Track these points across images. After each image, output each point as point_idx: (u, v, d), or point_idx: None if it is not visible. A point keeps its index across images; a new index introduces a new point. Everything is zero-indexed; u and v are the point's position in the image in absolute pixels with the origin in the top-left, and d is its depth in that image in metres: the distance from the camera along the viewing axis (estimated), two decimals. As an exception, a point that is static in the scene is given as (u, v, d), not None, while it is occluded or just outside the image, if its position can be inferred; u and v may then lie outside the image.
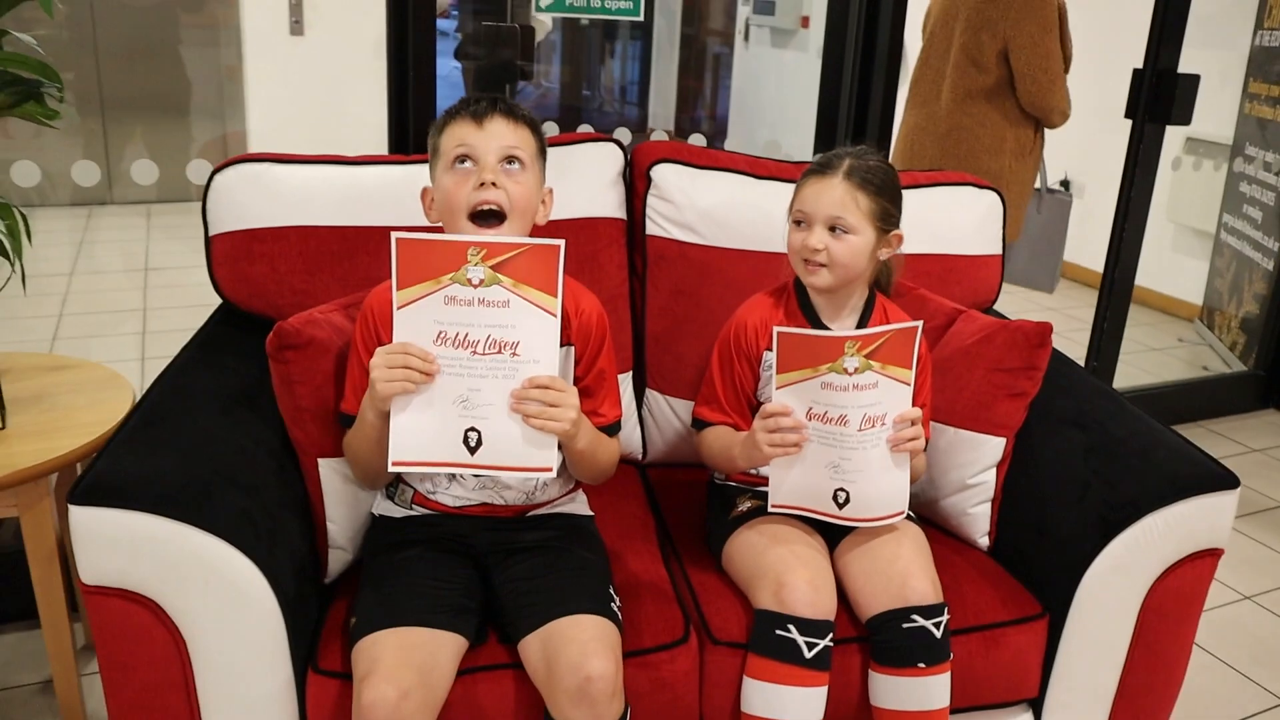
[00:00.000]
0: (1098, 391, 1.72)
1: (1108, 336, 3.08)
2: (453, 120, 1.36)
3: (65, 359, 1.94)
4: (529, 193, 1.36)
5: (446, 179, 1.35)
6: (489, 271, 1.23)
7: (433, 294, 1.23)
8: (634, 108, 7.83)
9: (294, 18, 4.87)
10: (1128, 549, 1.44)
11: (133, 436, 1.30)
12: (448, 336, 1.24)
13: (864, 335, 1.35)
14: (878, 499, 1.43)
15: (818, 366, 1.35)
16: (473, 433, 1.25)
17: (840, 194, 1.45)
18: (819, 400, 1.37)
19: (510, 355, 1.25)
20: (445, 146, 1.35)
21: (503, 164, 1.34)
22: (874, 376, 1.36)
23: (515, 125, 1.36)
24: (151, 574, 1.19)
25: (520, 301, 1.24)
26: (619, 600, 1.35)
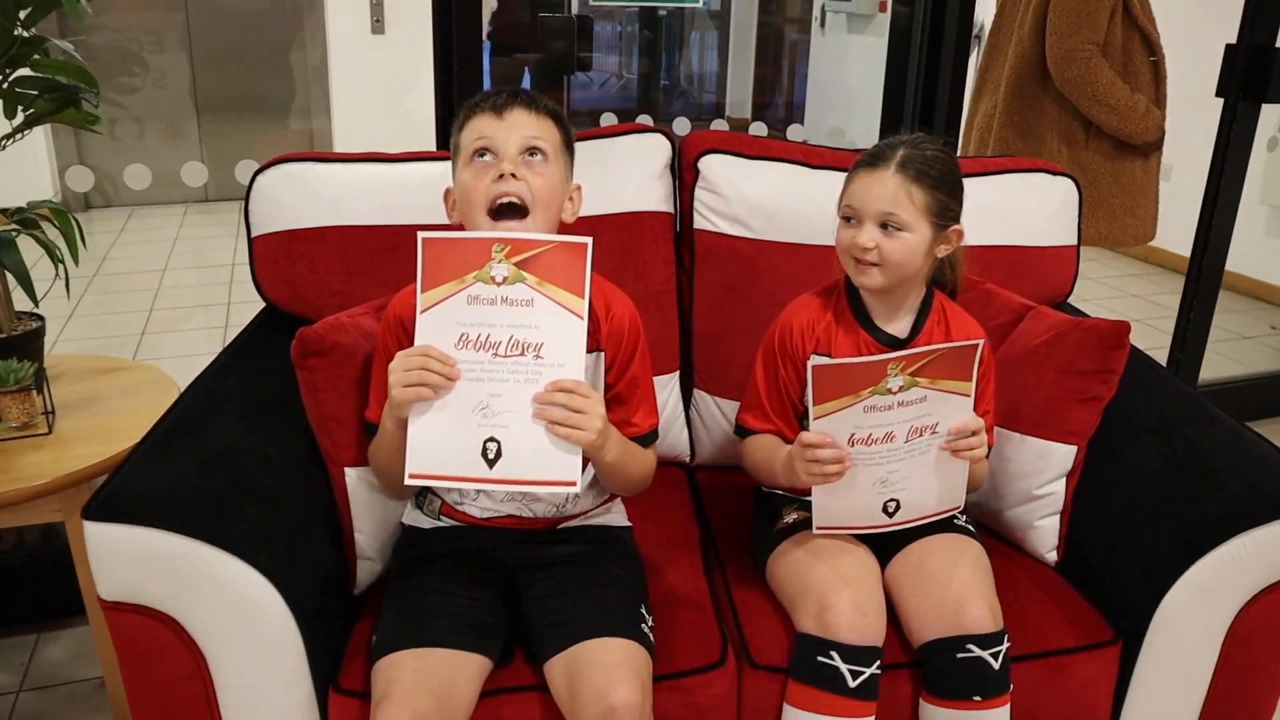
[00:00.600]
0: (1181, 396, 1.58)
1: (1194, 326, 2.90)
2: (473, 114, 1.30)
3: (118, 361, 1.95)
4: (552, 185, 1.29)
5: (465, 174, 1.29)
6: (513, 269, 1.17)
7: (456, 294, 1.18)
8: (711, 96, 7.79)
9: (375, 17, 4.96)
10: (1213, 573, 1.32)
11: (154, 448, 1.27)
12: (470, 339, 1.18)
13: (908, 356, 1.25)
14: (930, 499, 1.34)
15: (859, 392, 1.25)
16: (491, 443, 1.19)
17: (893, 188, 1.35)
18: (862, 424, 1.27)
19: (534, 358, 1.18)
20: (465, 141, 1.29)
21: (524, 155, 1.28)
22: (922, 392, 1.27)
23: (537, 116, 1.29)
24: (167, 591, 1.16)
25: (544, 301, 1.18)
26: (652, 620, 1.28)
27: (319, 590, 1.27)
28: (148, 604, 1.17)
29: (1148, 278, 4.83)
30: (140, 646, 1.19)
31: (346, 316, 1.40)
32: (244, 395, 1.44)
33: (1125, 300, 4.43)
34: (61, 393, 1.74)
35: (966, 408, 1.30)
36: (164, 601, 1.17)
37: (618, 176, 1.73)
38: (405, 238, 1.65)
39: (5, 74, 1.55)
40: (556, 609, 1.25)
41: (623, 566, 1.34)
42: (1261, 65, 2.61)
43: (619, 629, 1.21)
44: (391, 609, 1.27)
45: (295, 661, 1.21)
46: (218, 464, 1.27)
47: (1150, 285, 4.70)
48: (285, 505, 1.29)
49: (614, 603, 1.26)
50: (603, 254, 1.71)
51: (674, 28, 7.66)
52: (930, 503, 1.35)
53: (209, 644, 1.19)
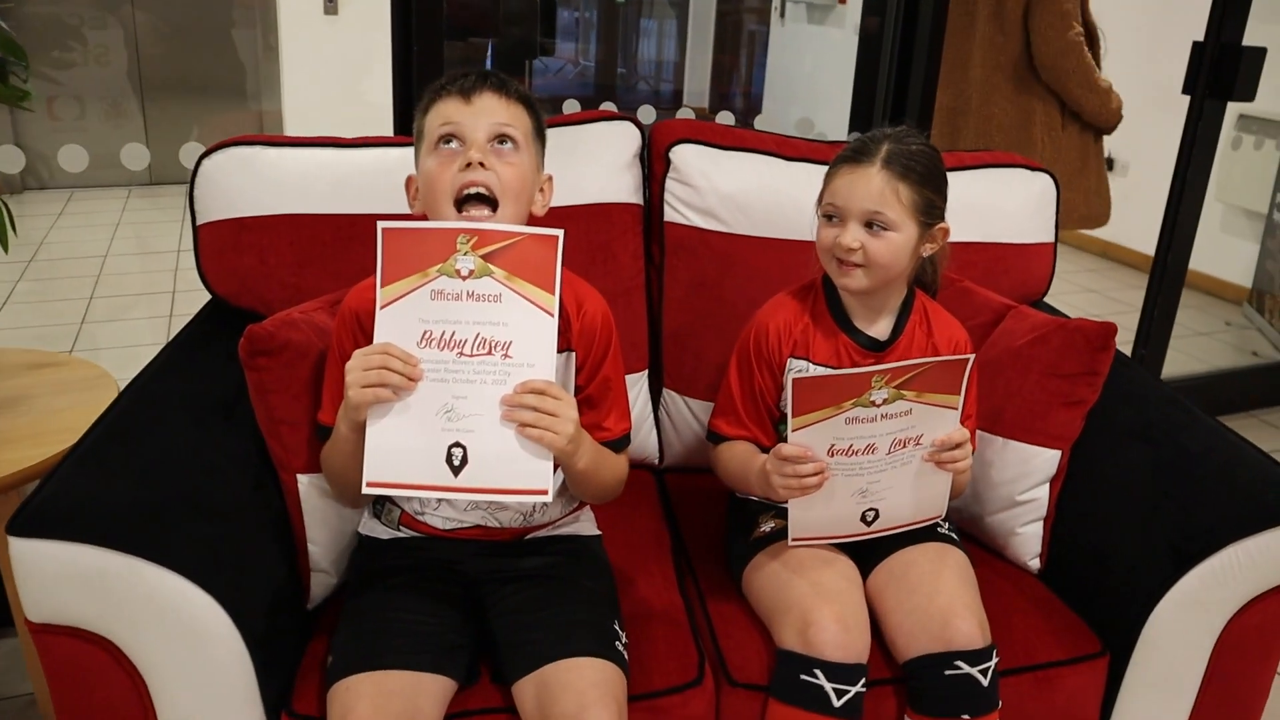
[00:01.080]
0: (1167, 400, 1.54)
1: (1158, 323, 2.90)
2: (438, 98, 1.20)
3: (52, 355, 1.84)
4: (523, 175, 1.20)
5: (430, 161, 1.19)
6: (479, 261, 1.09)
7: (419, 288, 1.10)
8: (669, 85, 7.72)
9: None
10: (1204, 583, 1.28)
11: (87, 455, 1.18)
12: (433, 336, 1.10)
13: (893, 369, 1.19)
14: (910, 508, 1.29)
15: (841, 404, 1.19)
16: (457, 449, 1.10)
17: (879, 185, 1.28)
18: (842, 436, 1.21)
19: (502, 357, 1.10)
20: (430, 127, 1.20)
21: (493, 143, 1.19)
22: (907, 405, 1.21)
23: (508, 102, 1.20)
24: (103, 613, 1.07)
25: (514, 296, 1.10)
26: (625, 636, 1.21)
27: (270, 607, 1.18)
28: (81, 626, 1.08)
29: (1106, 273, 4.86)
30: (74, 671, 1.10)
31: (299, 312, 1.31)
32: (188, 396, 1.34)
33: (1084, 295, 4.45)
34: (-12, 390, 1.63)
35: (953, 420, 1.25)
36: (99, 623, 1.08)
37: (585, 166, 1.66)
38: (362, 227, 1.56)
39: (-75, 46, 1.43)
40: (525, 627, 1.18)
41: (594, 580, 1.27)
42: (1228, 63, 2.60)
43: (591, 648, 1.14)
44: (348, 628, 1.19)
45: (244, 684, 1.12)
46: (158, 472, 1.17)
47: (1108, 280, 4.73)
48: (232, 516, 1.20)
49: (585, 620, 1.18)
50: (569, 248, 1.60)
51: (632, 15, 7.57)
52: (910, 512, 1.30)
53: (150, 668, 1.10)
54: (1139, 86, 4.79)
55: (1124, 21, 4.88)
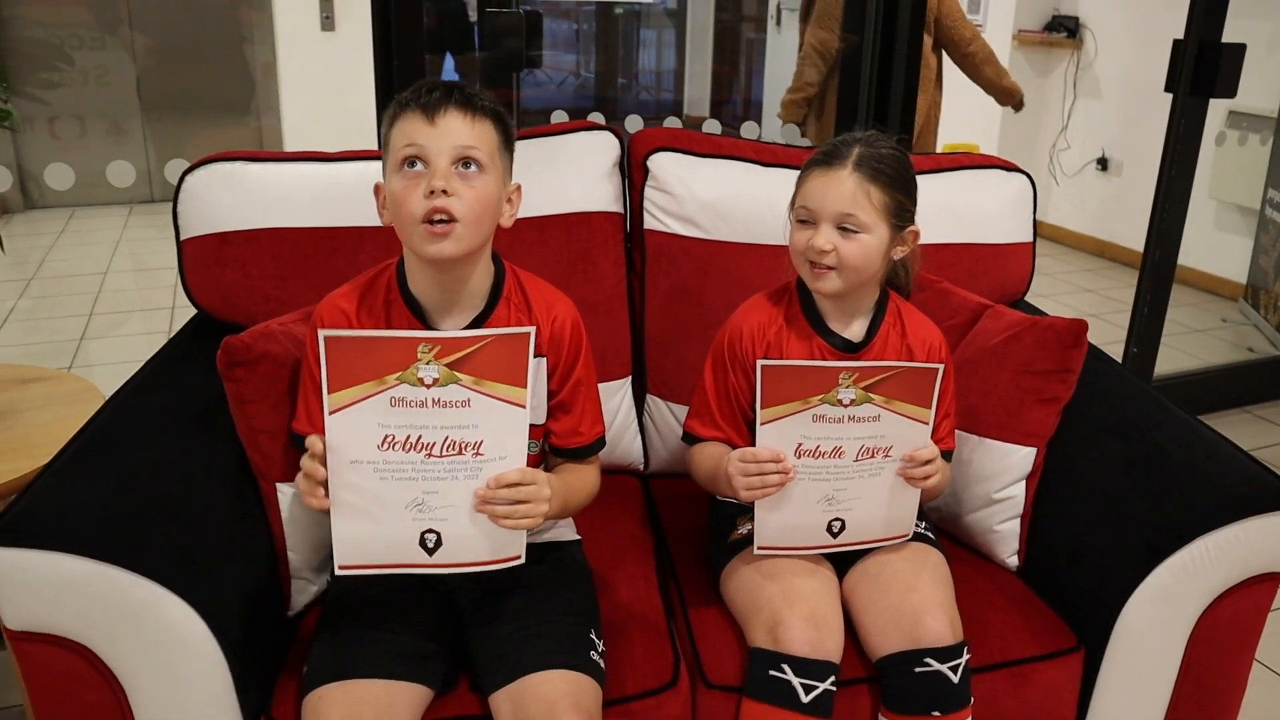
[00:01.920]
0: (1140, 395, 1.55)
1: (1148, 320, 2.90)
2: (403, 112, 1.19)
3: (40, 370, 1.86)
4: (486, 197, 1.19)
5: (396, 182, 1.19)
6: (444, 370, 1.06)
7: (375, 395, 1.05)
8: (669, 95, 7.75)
9: (325, 14, 4.85)
10: (1175, 576, 1.29)
11: (67, 466, 1.19)
12: (396, 440, 1.07)
13: (862, 368, 1.20)
14: (877, 523, 1.30)
15: (808, 398, 1.20)
16: (430, 534, 1.11)
17: (850, 188, 1.30)
18: (809, 434, 1.22)
19: (473, 455, 1.09)
20: (395, 143, 1.19)
21: (456, 165, 1.17)
22: (875, 410, 1.22)
23: (473, 119, 1.19)
24: (81, 620, 1.08)
25: (483, 399, 1.07)
26: (602, 645, 1.22)
27: (248, 614, 1.20)
28: (60, 633, 1.09)
29: (1101, 272, 4.87)
30: (52, 679, 1.11)
31: (277, 324, 1.33)
32: (168, 408, 1.36)
33: (1080, 295, 4.45)
34: (-22, 405, 1.65)
35: (923, 435, 1.26)
36: (78, 631, 1.09)
37: (565, 176, 1.67)
38: (343, 240, 1.58)
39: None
40: (501, 639, 1.19)
41: (572, 589, 1.28)
42: (1208, 60, 2.61)
43: (566, 660, 1.15)
44: (322, 638, 1.20)
45: (222, 691, 1.13)
46: (136, 482, 1.19)
47: (1104, 280, 4.74)
48: (210, 525, 1.21)
49: (561, 631, 1.19)
50: (550, 257, 1.66)
51: (630, 26, 7.60)
52: (878, 527, 1.31)
53: (128, 675, 1.12)
54: (1128, 86, 4.83)
55: (1112, 22, 4.92)
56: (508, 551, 1.14)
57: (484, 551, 1.13)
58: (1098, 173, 5.05)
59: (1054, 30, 5.09)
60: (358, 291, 1.27)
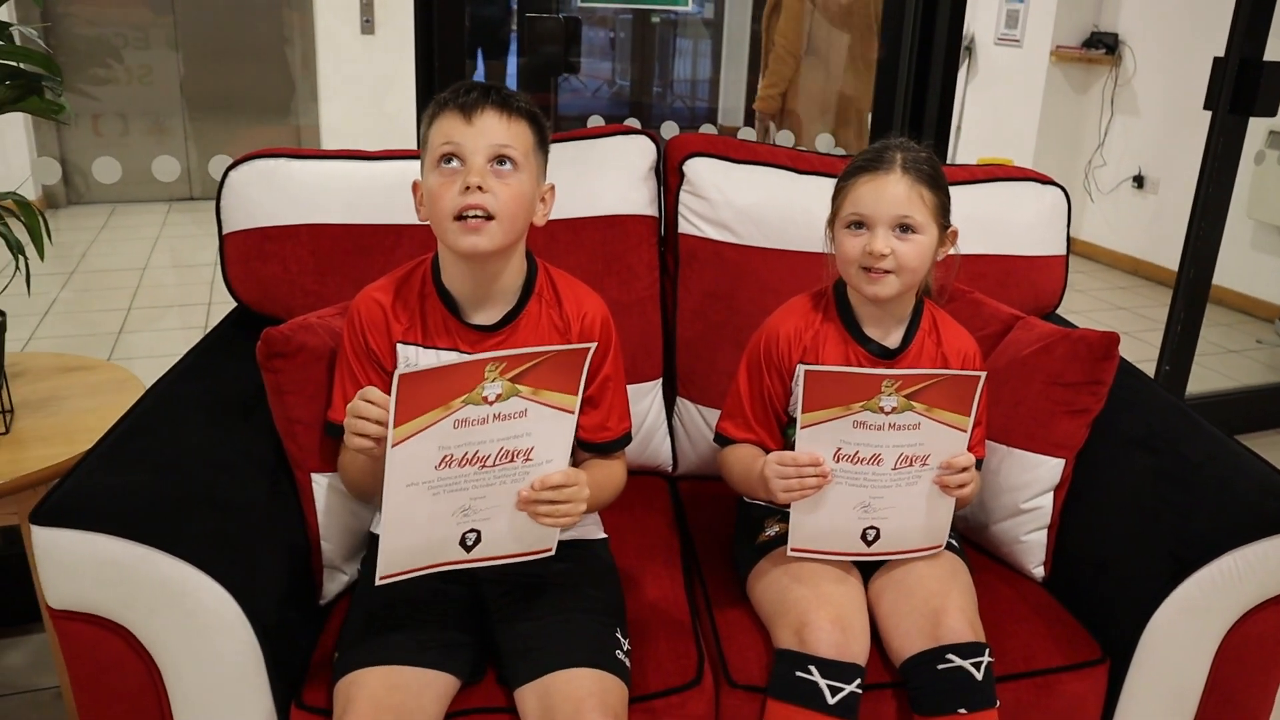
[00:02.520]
0: (1170, 409, 1.55)
1: (1182, 340, 2.88)
2: (442, 112, 1.22)
3: (82, 359, 1.90)
4: (520, 194, 1.21)
5: (432, 179, 1.22)
6: (507, 384, 1.09)
7: (440, 422, 1.07)
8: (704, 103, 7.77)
9: (365, 17, 4.93)
10: (1203, 590, 1.28)
11: (110, 450, 1.23)
12: (454, 458, 1.09)
13: (906, 376, 1.21)
14: (912, 533, 1.30)
15: (850, 404, 1.21)
16: (471, 534, 1.14)
17: (904, 190, 1.30)
18: (849, 440, 1.23)
19: (523, 461, 1.13)
20: (433, 141, 1.22)
21: (492, 164, 1.20)
22: (916, 418, 1.23)
23: (509, 119, 1.21)
24: (119, 600, 1.11)
25: (538, 408, 1.11)
26: (628, 644, 1.24)
27: (281, 601, 1.22)
28: (99, 613, 1.12)
29: (1135, 290, 4.83)
30: (91, 657, 1.14)
31: (315, 317, 1.36)
32: (207, 397, 1.39)
33: (1112, 313, 4.42)
34: (22, 392, 1.69)
35: (961, 443, 1.27)
36: (116, 611, 1.12)
37: (601, 179, 1.69)
38: (381, 237, 1.61)
39: (-32, 62, 1.50)
40: (528, 635, 1.20)
41: (598, 587, 1.29)
42: (1249, 79, 2.59)
43: (592, 659, 1.16)
44: (355, 624, 1.22)
45: (254, 676, 1.16)
46: (176, 468, 1.22)
47: (1138, 298, 4.70)
48: (246, 511, 1.24)
49: (588, 630, 1.21)
50: (585, 258, 1.68)
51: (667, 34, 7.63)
52: (913, 537, 1.31)
53: (163, 656, 1.14)
54: (1167, 104, 4.79)
55: (1152, 39, 4.89)
56: (541, 545, 1.17)
57: (518, 545, 1.16)
58: (1133, 190, 5.01)
59: (1093, 47, 5.06)
60: (394, 285, 1.29)
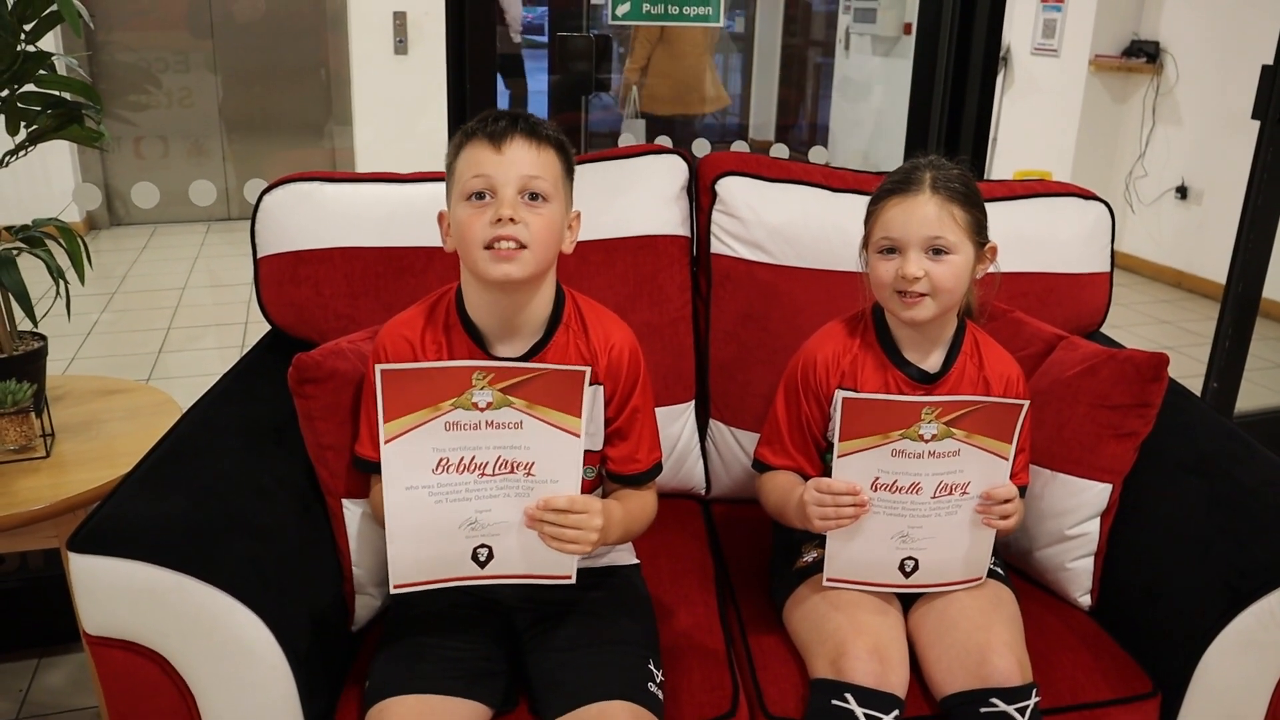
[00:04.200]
0: (1222, 431, 1.50)
1: (1230, 354, 2.81)
2: (470, 142, 1.20)
3: (121, 382, 1.92)
4: (551, 225, 1.20)
5: (462, 210, 1.20)
6: (498, 394, 1.08)
7: (430, 420, 1.08)
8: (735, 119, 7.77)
9: (398, 38, 4.99)
10: (1261, 623, 1.23)
11: (146, 476, 1.23)
12: (450, 463, 1.09)
13: (946, 403, 1.18)
14: (951, 565, 1.27)
15: (888, 433, 1.19)
16: (483, 549, 1.14)
17: (934, 210, 1.28)
18: (887, 469, 1.21)
19: (525, 475, 1.11)
20: (461, 172, 1.20)
21: (523, 195, 1.18)
22: (955, 445, 1.20)
23: (538, 148, 1.20)
24: (154, 627, 1.11)
25: (535, 423, 1.10)
26: (661, 675, 1.21)
27: (314, 627, 1.21)
28: (134, 639, 1.12)
29: (1179, 304, 4.73)
30: (126, 683, 1.14)
31: (347, 342, 1.35)
32: (242, 422, 1.39)
33: (1157, 327, 4.34)
34: (62, 415, 1.71)
35: (1003, 472, 1.24)
36: (151, 637, 1.12)
37: (632, 199, 1.68)
38: (413, 260, 1.61)
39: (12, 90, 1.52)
40: (560, 666, 1.19)
41: (632, 618, 1.27)
42: (1300, 87, 2.53)
43: (625, 691, 1.14)
44: (386, 652, 1.21)
45: (287, 702, 1.15)
46: (210, 494, 1.22)
47: (1182, 311, 4.60)
48: (280, 538, 1.23)
49: (621, 661, 1.19)
50: (616, 280, 1.66)
51: (697, 50, 7.65)
52: (953, 570, 1.28)
53: (197, 682, 1.14)
54: (1211, 113, 4.71)
55: (1194, 47, 4.81)
56: (559, 570, 1.16)
57: (535, 565, 1.15)
58: (1177, 201, 4.92)
59: (1133, 55, 4.99)
60: (420, 319, 1.28)
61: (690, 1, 2.45)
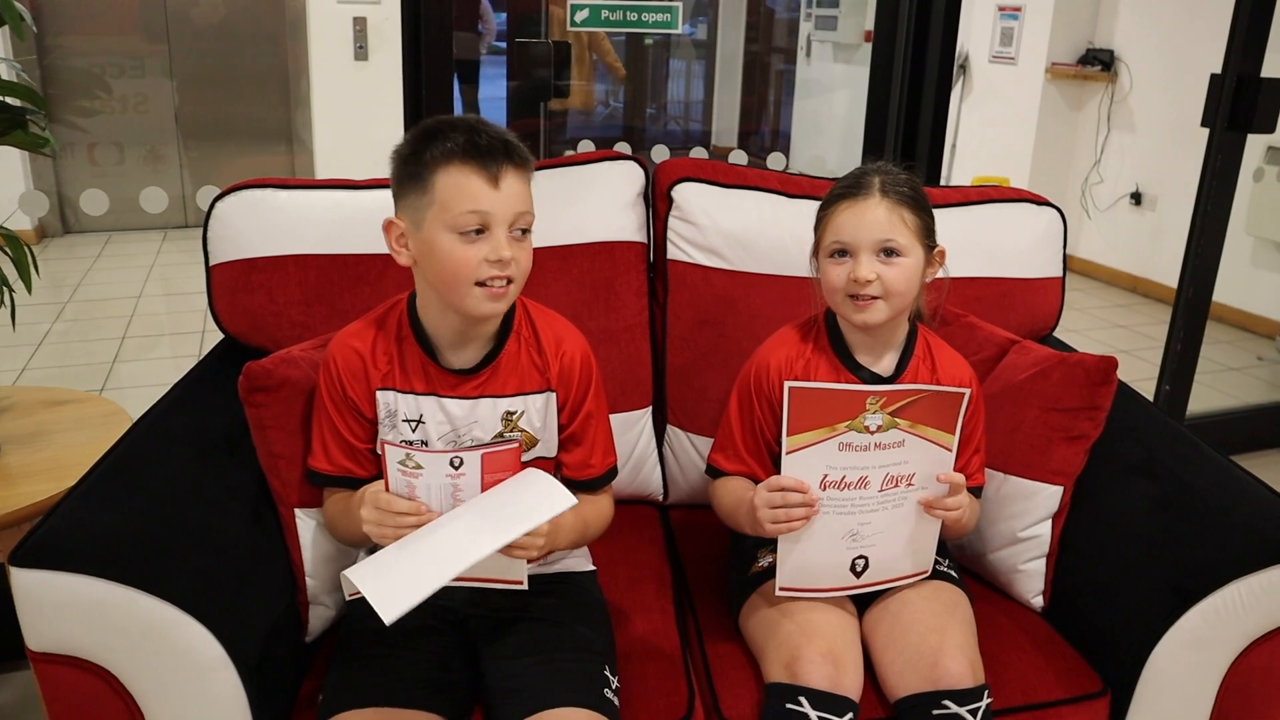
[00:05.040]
0: (1171, 434, 1.52)
1: (1181, 357, 2.86)
2: (454, 165, 1.13)
3: (70, 393, 1.88)
4: (530, 253, 1.20)
5: (449, 242, 1.14)
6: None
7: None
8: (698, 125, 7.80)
9: (358, 44, 4.95)
10: (1206, 621, 1.25)
11: (93, 488, 1.20)
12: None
13: (890, 391, 1.19)
14: (900, 560, 1.28)
15: (834, 425, 1.19)
16: None
17: (884, 214, 1.29)
18: (836, 464, 1.21)
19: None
20: (449, 200, 1.13)
21: (512, 230, 1.17)
22: (900, 435, 1.21)
23: (525, 178, 1.18)
24: (101, 642, 1.09)
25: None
26: (617, 681, 1.21)
27: (266, 639, 1.20)
28: (80, 655, 1.10)
29: (1135, 308, 4.81)
30: (72, 700, 1.12)
31: (299, 350, 1.34)
32: (193, 432, 1.37)
33: (1111, 331, 4.40)
34: (9, 426, 1.68)
35: (947, 462, 1.25)
36: (97, 653, 1.10)
37: (589, 205, 1.68)
38: (368, 266, 1.59)
39: (-47, 96, 1.49)
40: (515, 673, 1.18)
41: (587, 624, 1.26)
42: (1246, 95, 2.58)
43: (580, 698, 1.14)
44: (339, 664, 1.20)
45: (239, 716, 1.13)
46: (158, 506, 1.20)
47: (1137, 316, 4.68)
48: (231, 549, 1.22)
49: (576, 667, 1.18)
50: (573, 286, 1.66)
51: (660, 56, 7.67)
52: (902, 564, 1.29)
53: (145, 698, 1.12)
54: (1164, 120, 4.79)
55: (1147, 55, 4.89)
56: (511, 575, 1.17)
57: (490, 571, 1.16)
58: (1131, 207, 5.00)
59: (1088, 63, 5.07)
60: (370, 330, 1.27)
61: (649, 9, 2.46)
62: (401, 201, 1.20)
